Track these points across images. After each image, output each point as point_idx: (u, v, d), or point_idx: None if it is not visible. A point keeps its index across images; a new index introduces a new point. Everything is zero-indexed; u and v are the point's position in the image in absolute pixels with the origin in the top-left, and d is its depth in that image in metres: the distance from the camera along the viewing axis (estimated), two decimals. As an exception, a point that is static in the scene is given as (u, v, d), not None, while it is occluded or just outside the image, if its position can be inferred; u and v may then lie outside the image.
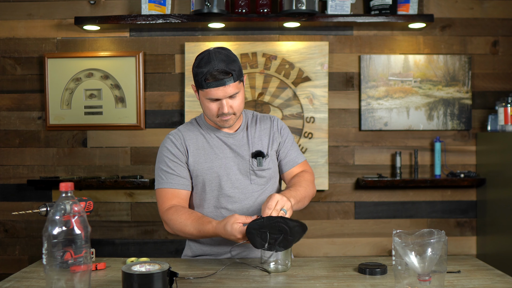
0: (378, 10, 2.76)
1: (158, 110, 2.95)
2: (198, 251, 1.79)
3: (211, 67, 1.56)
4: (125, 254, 2.95)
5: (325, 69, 2.90)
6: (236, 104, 1.64)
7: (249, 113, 1.85)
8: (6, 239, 2.98)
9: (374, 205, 2.98)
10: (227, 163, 1.72)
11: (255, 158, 1.73)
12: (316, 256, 2.96)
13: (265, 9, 2.71)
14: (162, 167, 1.71)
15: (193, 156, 1.72)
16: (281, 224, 1.40)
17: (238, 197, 1.72)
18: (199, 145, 1.74)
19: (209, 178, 1.71)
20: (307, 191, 1.71)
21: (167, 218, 1.64)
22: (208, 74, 1.57)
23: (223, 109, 1.62)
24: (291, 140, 1.84)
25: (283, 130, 1.83)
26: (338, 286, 1.37)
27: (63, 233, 1.14)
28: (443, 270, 1.24)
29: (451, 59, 2.92)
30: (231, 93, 1.60)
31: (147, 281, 1.19)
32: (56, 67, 2.91)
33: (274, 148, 1.78)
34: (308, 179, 1.76)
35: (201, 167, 1.71)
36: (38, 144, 2.96)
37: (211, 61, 1.57)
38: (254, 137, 1.77)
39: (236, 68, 1.61)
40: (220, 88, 1.58)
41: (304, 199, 1.68)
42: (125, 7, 2.91)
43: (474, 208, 2.98)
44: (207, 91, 1.60)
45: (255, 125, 1.80)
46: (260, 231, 1.41)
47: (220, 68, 1.56)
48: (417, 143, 2.96)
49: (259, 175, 1.73)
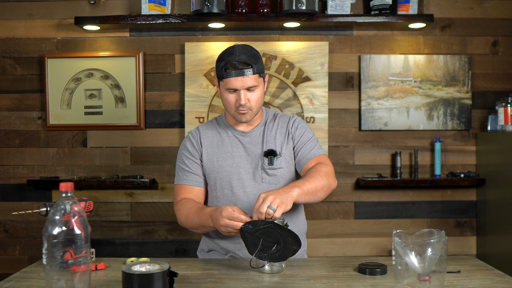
0: (378, 10, 2.76)
1: (158, 110, 2.95)
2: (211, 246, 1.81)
3: (233, 58, 1.61)
4: (125, 254, 2.95)
5: (325, 69, 2.90)
6: (254, 98, 1.66)
7: (270, 112, 1.85)
8: (6, 239, 2.98)
9: (374, 205, 2.98)
10: (239, 162, 1.74)
11: (267, 157, 1.73)
12: (316, 256, 2.96)
13: (265, 9, 2.71)
14: (179, 164, 1.79)
15: (207, 154, 1.76)
16: (273, 231, 1.38)
17: (248, 195, 1.72)
18: (214, 143, 1.78)
19: (220, 177, 1.74)
20: (320, 183, 1.60)
21: (176, 209, 1.72)
22: (228, 63, 1.61)
23: (240, 100, 1.63)
24: (308, 137, 1.78)
25: (300, 128, 1.79)
26: (338, 286, 1.37)
27: (63, 233, 1.14)
28: (443, 270, 1.24)
29: (451, 59, 2.92)
30: (249, 85, 1.62)
31: (147, 281, 1.19)
32: (56, 67, 2.91)
33: (289, 147, 1.77)
34: (322, 171, 1.65)
35: (213, 165, 1.75)
36: (38, 144, 2.96)
37: (234, 53, 1.62)
38: (270, 136, 1.77)
39: (257, 62, 1.64)
40: (239, 78, 1.61)
41: (315, 191, 1.58)
42: (125, 7, 2.91)
43: (474, 208, 2.98)
44: (226, 81, 1.63)
45: (273, 124, 1.80)
46: (253, 235, 1.40)
47: (241, 59, 1.60)
48: (417, 143, 2.96)
49: (270, 174, 1.73)
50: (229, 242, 1.75)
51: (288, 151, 1.77)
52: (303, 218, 1.88)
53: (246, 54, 1.62)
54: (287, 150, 1.76)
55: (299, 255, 1.80)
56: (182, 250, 2.95)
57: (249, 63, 1.61)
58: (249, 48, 1.66)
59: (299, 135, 1.78)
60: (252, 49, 1.67)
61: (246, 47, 1.66)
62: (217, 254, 1.80)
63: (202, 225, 1.62)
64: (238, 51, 1.62)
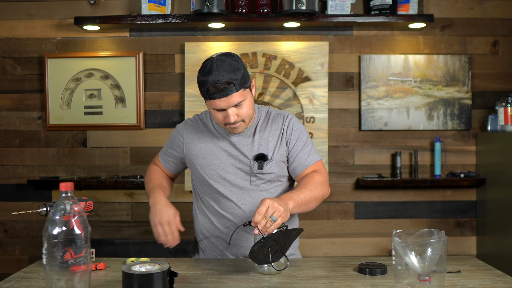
0: (378, 10, 2.76)
1: (158, 110, 2.95)
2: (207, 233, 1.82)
3: (213, 78, 1.53)
4: (125, 254, 2.95)
5: (325, 69, 2.90)
6: (243, 111, 1.61)
7: (263, 110, 1.80)
8: (6, 239, 2.98)
9: (374, 205, 2.98)
10: (228, 161, 1.72)
11: (257, 161, 1.70)
12: (316, 256, 2.96)
13: (265, 9, 2.71)
14: (167, 143, 1.89)
15: (195, 151, 1.76)
16: (281, 237, 1.39)
17: (236, 196, 1.72)
18: (203, 139, 1.76)
19: (208, 175, 1.73)
20: (314, 194, 1.61)
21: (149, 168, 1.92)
22: (210, 85, 1.54)
23: (229, 118, 1.60)
24: (303, 141, 1.75)
25: (295, 131, 1.74)
26: (338, 286, 1.37)
27: (63, 233, 1.14)
28: (443, 270, 1.24)
29: (451, 59, 2.92)
30: (235, 103, 1.57)
31: (147, 281, 1.19)
32: (56, 67, 2.91)
33: (282, 150, 1.73)
34: (317, 181, 1.66)
35: (201, 163, 1.74)
36: (38, 144, 2.96)
37: (213, 71, 1.54)
38: (262, 139, 1.73)
39: (239, 77, 1.56)
40: (223, 99, 1.56)
41: (309, 202, 1.60)
42: (125, 7, 2.91)
43: (474, 208, 2.98)
44: (211, 102, 1.58)
45: (265, 126, 1.75)
46: (262, 249, 1.39)
47: (222, 79, 1.53)
48: (417, 143, 2.96)
49: (260, 177, 1.72)
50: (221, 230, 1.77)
51: (280, 154, 1.73)
52: (297, 221, 1.89)
53: (225, 70, 1.53)
54: (279, 154, 1.73)
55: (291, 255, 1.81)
56: (182, 250, 2.95)
57: (230, 82, 1.53)
58: (228, 59, 1.57)
59: (295, 139, 1.74)
60: (231, 60, 1.58)
61: (225, 60, 1.56)
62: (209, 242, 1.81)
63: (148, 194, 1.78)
64: (217, 68, 1.53)
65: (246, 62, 2.90)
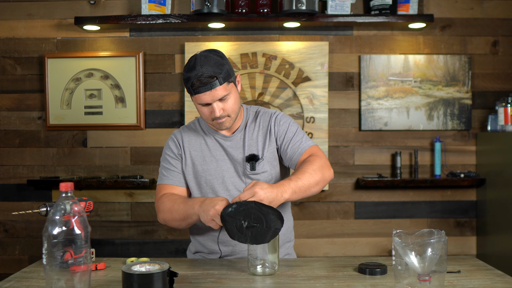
0: (378, 10, 2.76)
1: (158, 110, 2.95)
2: (198, 248, 1.80)
3: (196, 72, 1.55)
4: (125, 254, 2.95)
5: (325, 69, 2.90)
6: (229, 105, 1.62)
7: (251, 110, 1.81)
8: (6, 239, 2.98)
9: (374, 205, 2.98)
10: (223, 166, 1.72)
11: (249, 162, 1.70)
12: (316, 256, 2.96)
13: (265, 9, 2.71)
14: (164, 164, 1.77)
15: (190, 158, 1.75)
16: (255, 210, 1.35)
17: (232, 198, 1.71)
18: (197, 147, 1.76)
19: (204, 181, 1.73)
20: (313, 178, 1.54)
21: (159, 203, 1.69)
22: (193, 79, 1.56)
23: (214, 113, 1.61)
24: (293, 131, 1.72)
25: (283, 125, 1.73)
26: (338, 286, 1.37)
27: (63, 233, 1.14)
28: (443, 270, 1.24)
29: (451, 59, 2.92)
30: (219, 96, 1.59)
31: (147, 281, 1.19)
32: (56, 67, 2.91)
33: (272, 147, 1.73)
34: (315, 164, 1.58)
35: (196, 169, 1.74)
36: (38, 144, 2.96)
37: (196, 66, 1.56)
38: (251, 139, 1.74)
39: (222, 70, 1.57)
40: (207, 93, 1.57)
41: (308, 187, 1.53)
42: (125, 7, 2.91)
43: (474, 208, 2.98)
44: (196, 97, 1.60)
45: (253, 125, 1.76)
46: (235, 218, 1.36)
47: (205, 73, 1.55)
48: (417, 143, 2.96)
49: (254, 178, 1.71)
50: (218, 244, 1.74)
51: (271, 152, 1.73)
52: (290, 214, 1.86)
53: (209, 65, 1.55)
54: (269, 152, 1.72)
55: (286, 255, 1.80)
56: (182, 250, 2.95)
57: (213, 75, 1.55)
58: (212, 55, 1.59)
59: (283, 132, 1.72)
60: (214, 55, 1.59)
61: (208, 56, 1.58)
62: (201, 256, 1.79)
63: (186, 214, 1.58)
64: (200, 63, 1.56)
65: (246, 62, 2.91)
